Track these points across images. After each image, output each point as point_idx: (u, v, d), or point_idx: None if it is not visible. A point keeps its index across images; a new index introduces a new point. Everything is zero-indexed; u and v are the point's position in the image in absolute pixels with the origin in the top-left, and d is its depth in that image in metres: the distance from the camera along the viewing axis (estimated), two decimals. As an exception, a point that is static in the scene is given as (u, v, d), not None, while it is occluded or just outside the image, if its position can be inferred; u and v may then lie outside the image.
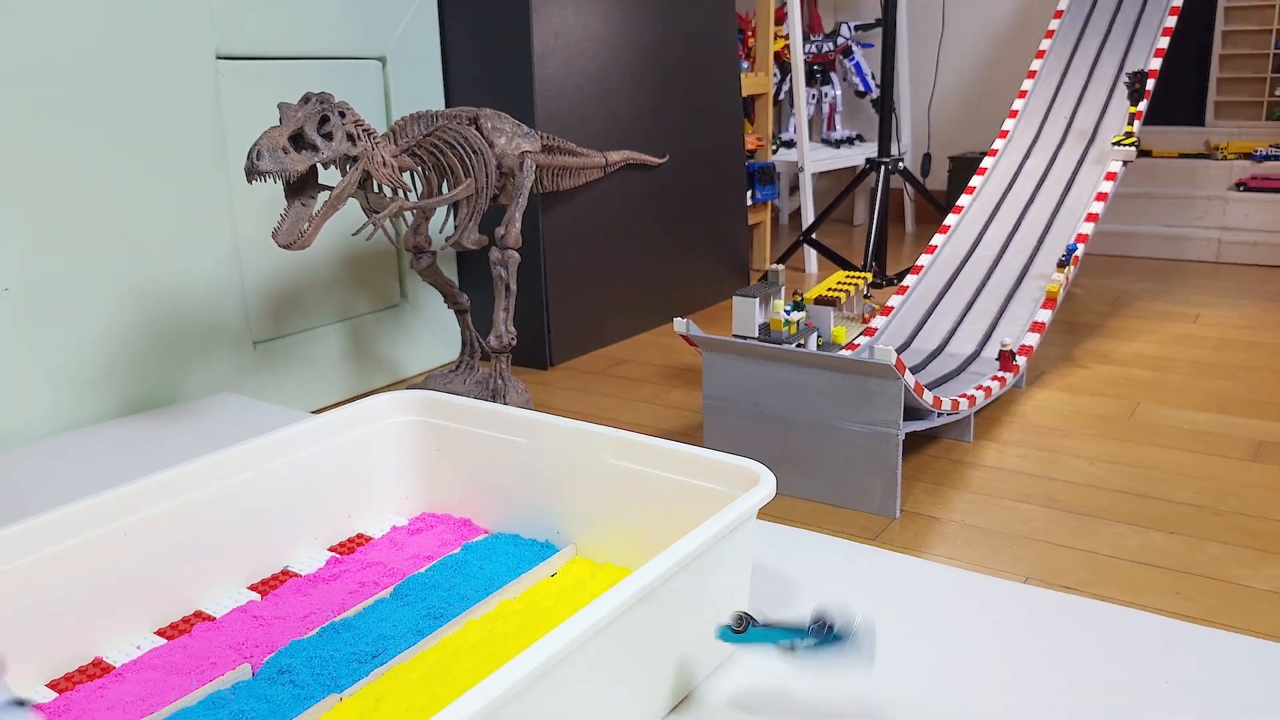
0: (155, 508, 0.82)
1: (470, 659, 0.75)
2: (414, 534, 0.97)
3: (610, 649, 0.62)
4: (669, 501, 0.83)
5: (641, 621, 0.64)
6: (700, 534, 0.68)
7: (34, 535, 0.75)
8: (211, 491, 0.85)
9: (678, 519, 0.83)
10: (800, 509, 1.22)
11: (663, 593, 0.66)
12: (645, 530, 0.85)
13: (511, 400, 1.49)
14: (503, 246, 1.45)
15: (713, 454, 0.81)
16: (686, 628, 0.70)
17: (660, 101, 2.07)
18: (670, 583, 0.66)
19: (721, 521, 0.70)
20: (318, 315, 1.67)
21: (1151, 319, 2.09)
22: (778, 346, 1.22)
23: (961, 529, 1.15)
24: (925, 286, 1.80)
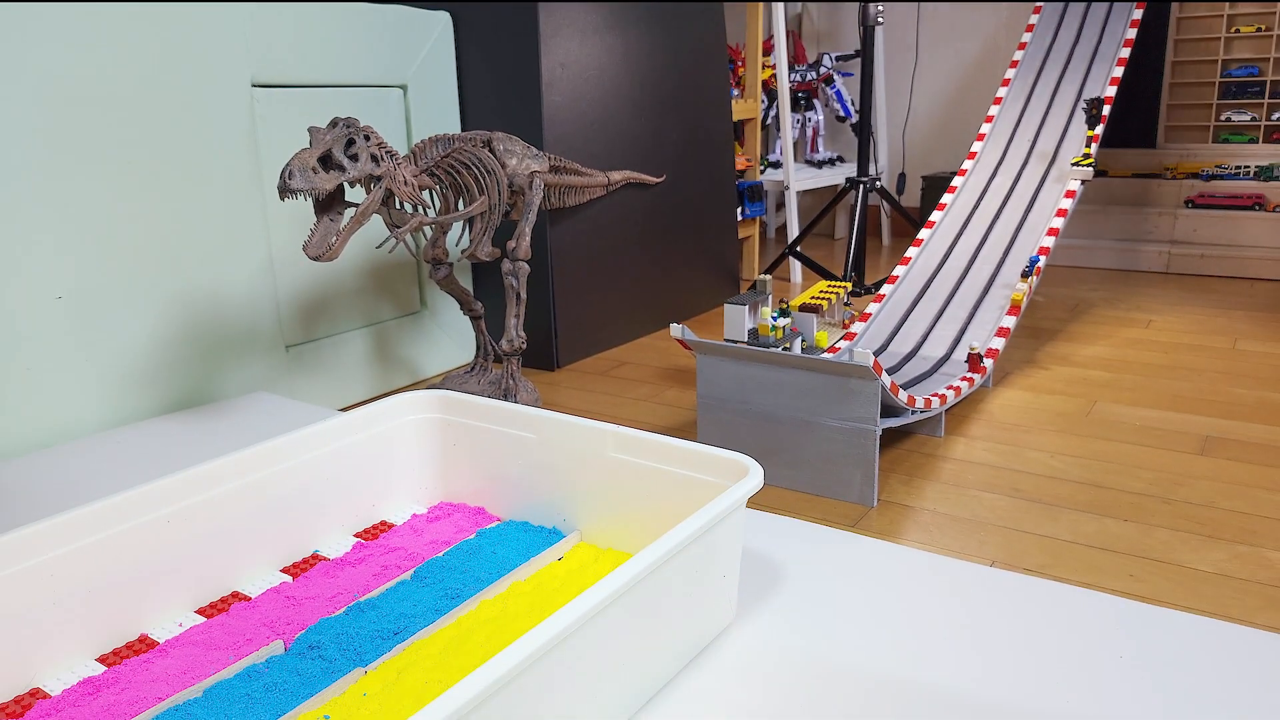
0: (196, 498, 0.82)
1: (484, 635, 0.75)
2: (432, 521, 0.97)
3: (613, 626, 0.62)
4: (666, 491, 0.83)
5: (641, 601, 0.65)
6: (695, 521, 0.68)
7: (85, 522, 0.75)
8: (247, 482, 0.85)
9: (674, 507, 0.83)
10: (786, 498, 1.22)
11: (660, 575, 0.66)
12: (644, 518, 0.86)
13: (522, 399, 1.49)
14: (514, 258, 1.45)
15: (706, 448, 0.81)
16: (683, 606, 0.70)
17: (658, 125, 2.07)
18: (667, 566, 0.66)
19: (714, 510, 0.70)
20: (345, 321, 1.67)
21: (1107, 324, 2.09)
22: (765, 350, 1.22)
23: (933, 517, 1.15)
24: (900, 295, 1.80)
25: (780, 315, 1.52)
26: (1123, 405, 1.54)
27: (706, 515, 0.69)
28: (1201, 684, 0.71)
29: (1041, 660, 0.74)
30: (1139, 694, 0.69)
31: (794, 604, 0.82)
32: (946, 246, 1.90)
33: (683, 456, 0.82)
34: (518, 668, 0.53)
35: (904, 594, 0.84)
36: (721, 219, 2.33)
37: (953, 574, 0.88)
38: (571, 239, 1.86)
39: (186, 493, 0.81)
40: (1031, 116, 2.19)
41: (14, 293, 1.23)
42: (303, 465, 0.90)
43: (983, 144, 2.15)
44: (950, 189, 2.04)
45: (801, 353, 1.47)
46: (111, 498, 0.77)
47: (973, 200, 2.01)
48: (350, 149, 1.15)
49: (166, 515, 0.80)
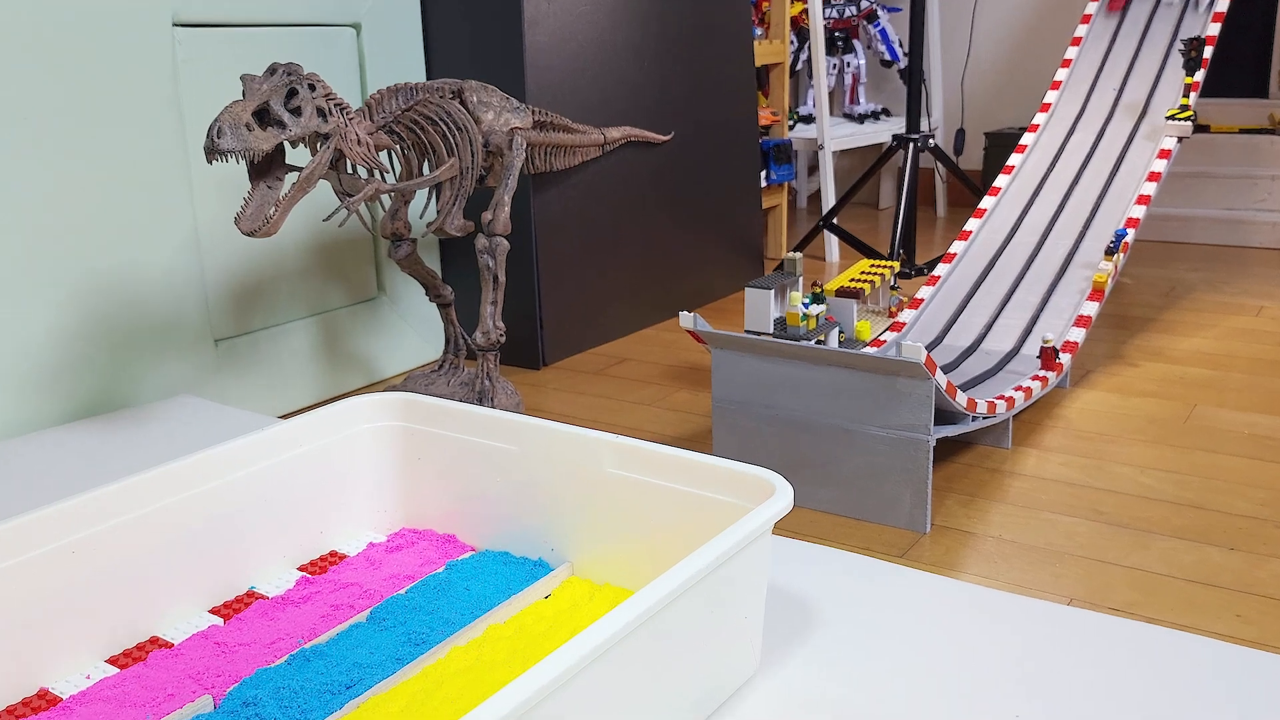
0: (106, 523, 0.82)
1: (455, 689, 0.75)
2: (392, 551, 0.97)
3: (610, 678, 0.62)
4: (675, 515, 0.83)
5: (647, 647, 0.65)
6: (710, 551, 0.68)
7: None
8: (168, 505, 0.85)
9: (685, 534, 0.83)
10: (820, 522, 1.22)
11: (669, 615, 0.66)
12: (649, 547, 0.86)
13: (500, 403, 1.49)
14: (490, 233, 1.45)
15: (723, 462, 0.81)
16: (697, 653, 0.70)
17: (664, 73, 2.07)
18: (677, 605, 0.66)
19: (733, 537, 0.70)
20: (286, 309, 1.67)
21: (1209, 312, 2.09)
22: (795, 343, 1.22)
23: (998, 545, 1.15)
24: (958, 277, 1.80)
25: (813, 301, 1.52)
26: (1228, 410, 1.54)
27: (724, 544, 0.69)
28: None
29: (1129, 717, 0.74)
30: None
31: (829, 650, 0.82)
32: (1014, 218, 1.90)
33: (695, 472, 0.82)
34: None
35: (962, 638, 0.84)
36: (742, 185, 2.33)
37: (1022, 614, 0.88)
38: (560, 210, 1.86)
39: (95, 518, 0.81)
40: (1117, 60, 2.18)
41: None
42: (235, 484, 0.90)
43: (1058, 94, 2.14)
44: (1019, 148, 2.04)
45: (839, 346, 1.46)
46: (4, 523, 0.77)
47: (1046, 162, 2.01)
48: (292, 101, 1.15)
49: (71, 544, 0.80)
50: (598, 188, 1.94)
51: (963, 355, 1.62)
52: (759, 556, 0.75)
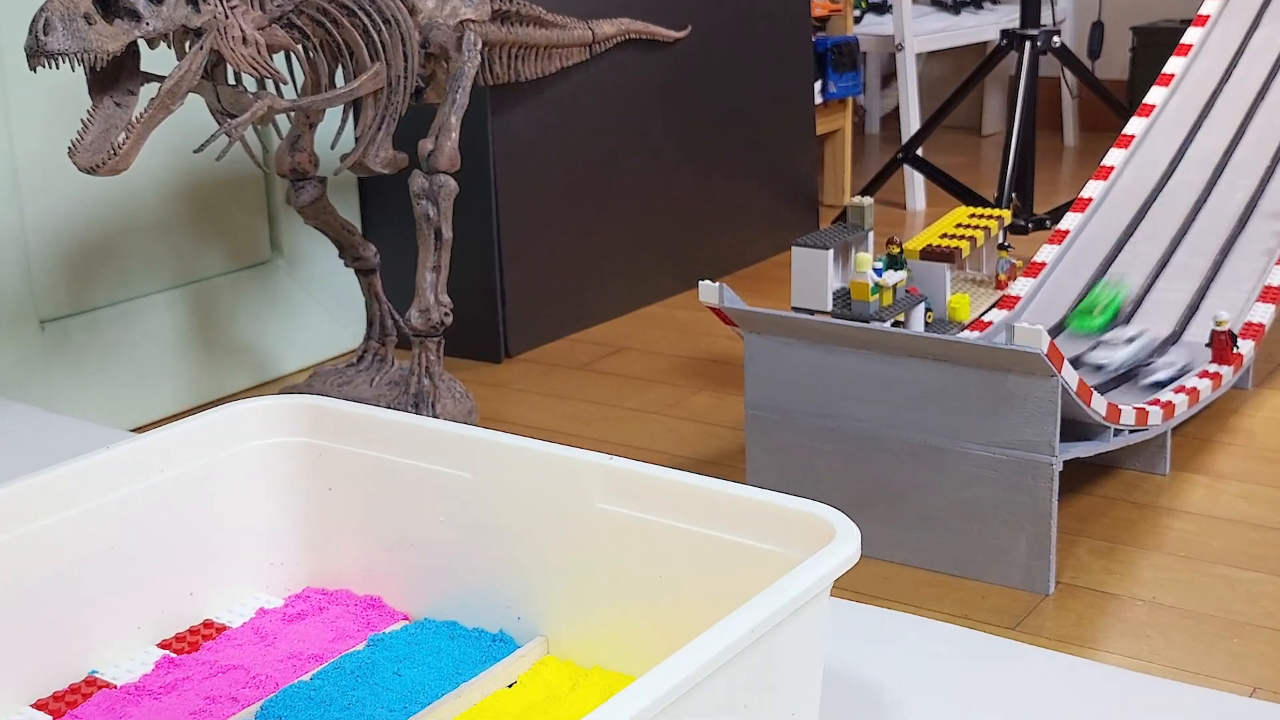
0: (-113, 580, 0.82)
1: (381, 816, 0.75)
2: (292, 621, 0.97)
3: (600, 801, 0.62)
4: (693, 570, 0.83)
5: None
6: (743, 621, 0.67)
7: None
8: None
9: (707, 597, 0.82)
10: (897, 580, 1.21)
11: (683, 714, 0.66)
12: (655, 615, 0.85)
13: (445, 411, 1.49)
14: (431, 169, 1.44)
15: (761, 494, 0.80)
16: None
17: (678, -59, 2.07)
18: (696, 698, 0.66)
19: (776, 601, 0.69)
20: (140, 279, 1.66)
21: None
22: (863, 325, 1.21)
23: (1152, 611, 1.14)
24: (1095, 232, 1.79)
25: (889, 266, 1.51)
26: None
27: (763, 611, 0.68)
28: None
29: None
30: None
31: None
32: (1174, 149, 1.89)
33: (721, 509, 0.82)
34: None
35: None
36: (787, 103, 2.33)
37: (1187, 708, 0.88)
38: (530, 138, 1.85)
39: None
40: (1321, -76, 2.17)
41: None
42: (70, 526, 0.90)
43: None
44: (1180, 50, 2.03)
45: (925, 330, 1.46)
46: None
47: (1220, 69, 2.00)
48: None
49: None
50: (584, 107, 1.93)
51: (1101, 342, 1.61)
52: (812, 628, 0.75)
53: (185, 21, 1.18)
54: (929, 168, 2.54)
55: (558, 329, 1.93)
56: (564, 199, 1.92)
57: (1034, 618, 1.14)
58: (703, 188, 2.17)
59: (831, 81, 2.58)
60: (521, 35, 1.71)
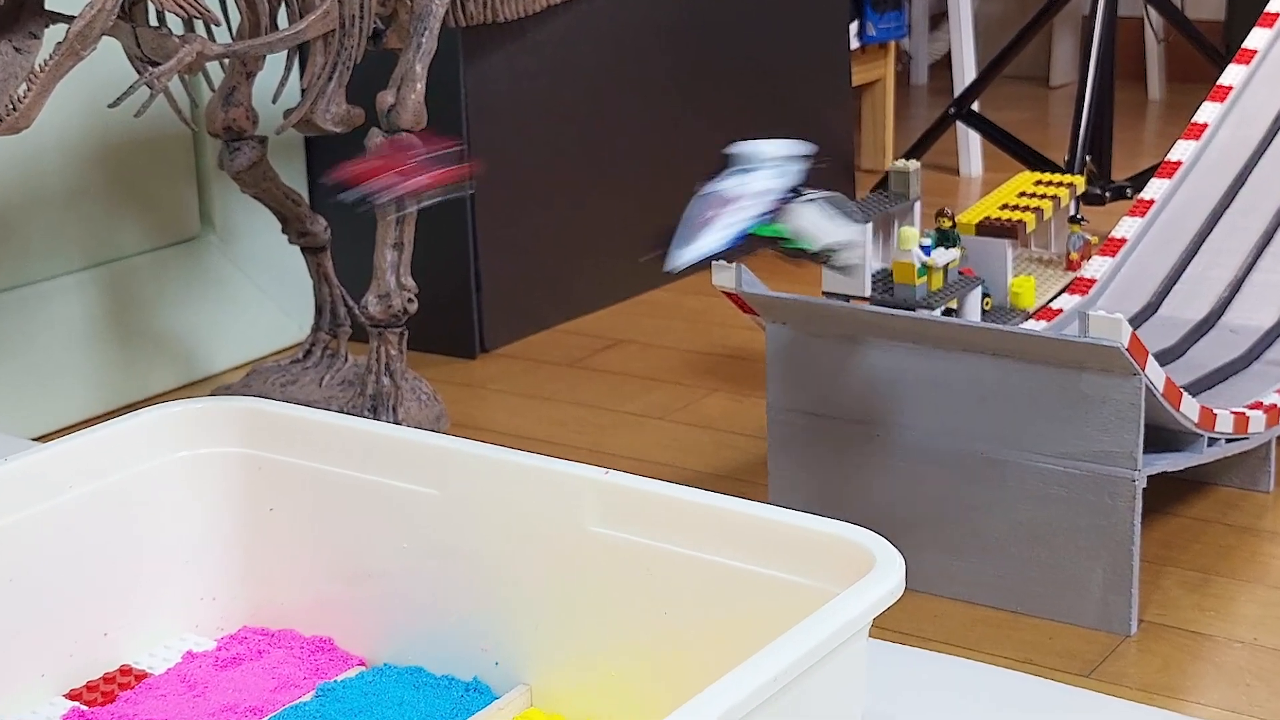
0: None
1: None
2: (226, 667, 0.96)
3: None
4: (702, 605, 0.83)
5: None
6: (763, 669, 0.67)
7: None
8: None
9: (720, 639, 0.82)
10: (949, 618, 1.21)
11: (693, 777, 0.66)
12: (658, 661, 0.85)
13: (409, 416, 1.49)
14: (392, 128, 1.44)
15: (786, 515, 0.81)
16: (737, 842, 0.70)
17: None
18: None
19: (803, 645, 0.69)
20: (46, 258, 1.67)
21: None
22: (909, 314, 1.21)
23: (1254, 655, 1.14)
24: (1184, 202, 1.79)
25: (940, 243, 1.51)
26: None
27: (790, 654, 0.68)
28: None
29: None
30: None
31: (968, 835, 0.82)
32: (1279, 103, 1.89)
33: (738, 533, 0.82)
34: None
35: (1194, 814, 0.84)
36: (817, 47, 2.33)
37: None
38: (509, 90, 1.85)
39: None
40: None
41: None
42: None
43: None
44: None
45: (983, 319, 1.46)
46: None
47: (1333, 7, 2.00)
48: (54, -96, 1.14)
49: None
50: (572, 52, 1.93)
51: (1192, 335, 1.61)
52: (848, 675, 0.75)
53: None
54: (987, 125, 2.54)
55: (543, 319, 1.93)
56: (550, 163, 1.92)
57: (1112, 662, 1.14)
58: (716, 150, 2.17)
59: (870, 22, 2.58)
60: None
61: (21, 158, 1.63)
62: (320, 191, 1.89)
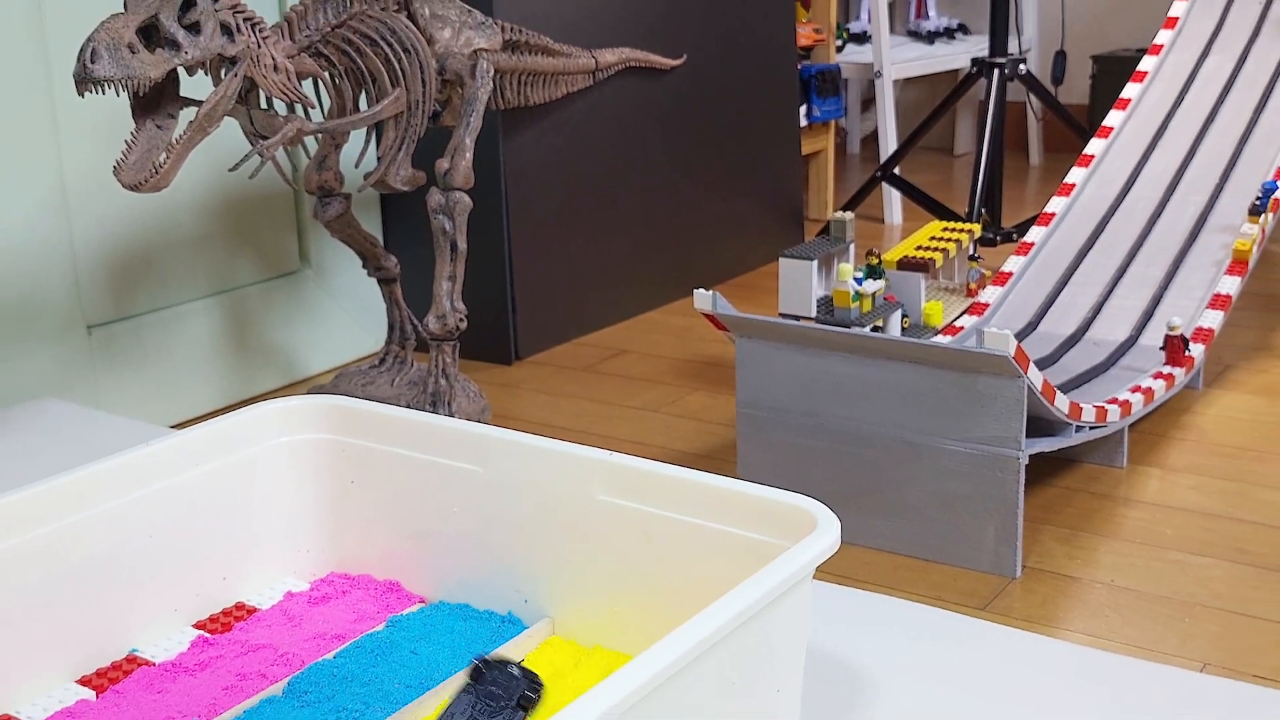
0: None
1: (399, 784, 0.75)
2: (317, 604, 0.96)
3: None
4: (687, 556, 0.83)
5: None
6: (732, 603, 0.67)
7: None
8: (23, 542, 0.85)
9: (698, 582, 0.82)
10: (877, 564, 1.21)
11: (678, 689, 0.66)
12: (651, 599, 0.85)
13: (460, 408, 1.49)
14: (447, 187, 1.44)
15: (749, 488, 0.80)
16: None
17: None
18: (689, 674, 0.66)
19: (763, 585, 0.69)
20: (180, 288, 1.66)
21: (1385, 290, 2.08)
22: (845, 330, 1.21)
23: (1110, 593, 1.14)
24: (1058, 244, 1.79)
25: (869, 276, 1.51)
26: None
27: (751, 594, 0.68)
28: None
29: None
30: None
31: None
32: (1131, 167, 1.89)
33: (713, 501, 0.82)
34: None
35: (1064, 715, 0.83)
36: (775, 125, 2.32)
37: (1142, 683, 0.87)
38: (538, 157, 1.85)
39: (-72, 559, 0.81)
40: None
41: None
42: (113, 515, 0.90)
43: (1187, 5, 2.13)
44: (1136, 77, 2.03)
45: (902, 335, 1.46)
46: None
47: (1172, 94, 2.00)
48: (188, 15, 1.14)
49: (-103, 594, 0.80)
50: (588, 129, 1.93)
51: (1063, 346, 1.61)
52: (796, 611, 0.75)
53: (221, 50, 1.18)
54: (905, 185, 2.54)
55: (564, 333, 1.93)
56: (569, 214, 1.92)
57: (1002, 599, 1.14)
58: (697, 203, 2.17)
59: (815, 106, 2.58)
60: (530, 63, 1.71)
61: (162, 210, 1.63)
62: (392, 235, 1.89)
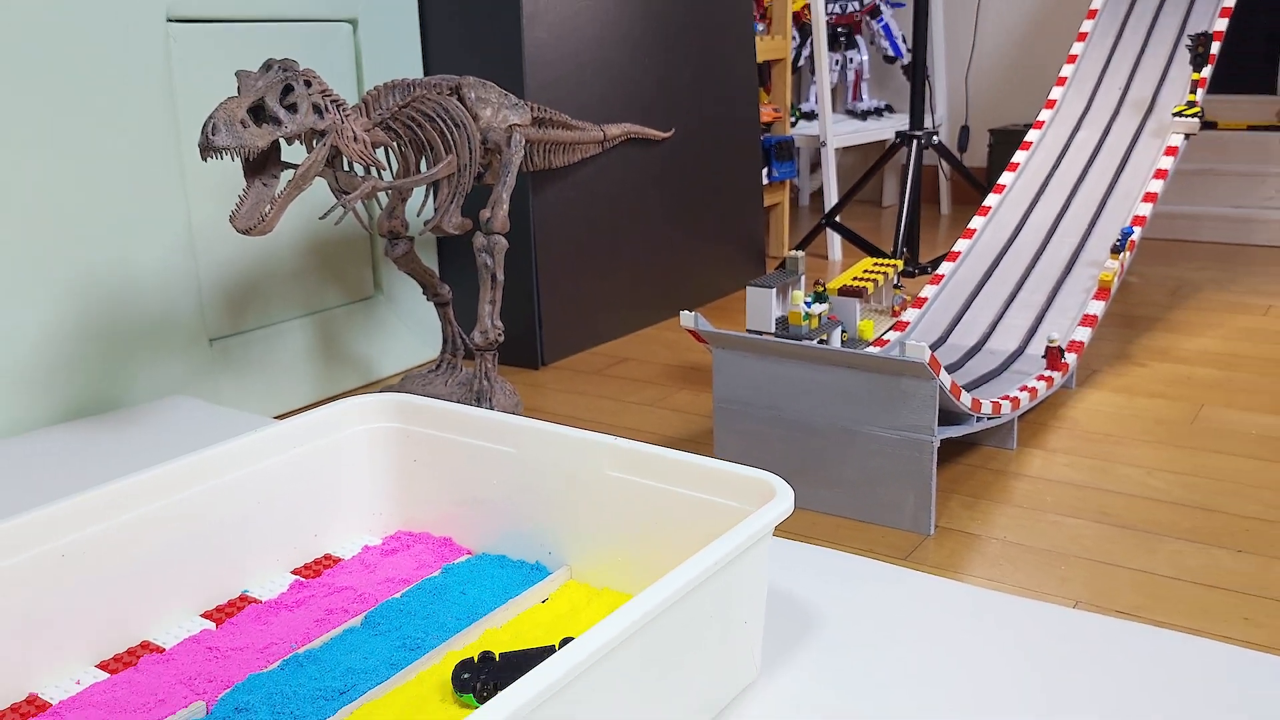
0: (97, 526, 0.82)
1: (450, 694, 0.75)
2: (388, 555, 0.96)
3: (608, 684, 0.62)
4: (675, 518, 0.83)
5: (645, 653, 0.64)
6: (709, 554, 0.67)
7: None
8: (161, 507, 0.85)
9: (684, 538, 0.82)
10: (822, 525, 1.21)
11: (667, 620, 0.66)
12: (648, 551, 0.85)
13: (498, 404, 1.49)
14: (488, 231, 1.45)
15: (723, 465, 0.80)
16: (696, 659, 0.70)
17: (665, 68, 2.07)
18: (676, 609, 0.66)
19: (733, 540, 0.69)
20: (281, 309, 1.67)
21: (1217, 311, 2.08)
22: (797, 343, 1.21)
23: (1003, 547, 1.14)
24: (963, 275, 1.79)
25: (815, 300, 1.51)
26: (1236, 410, 1.54)
27: (724, 547, 0.68)
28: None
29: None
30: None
31: (830, 656, 0.82)
32: (1019, 216, 1.90)
33: (695, 475, 0.82)
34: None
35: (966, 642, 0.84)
36: (743, 183, 2.33)
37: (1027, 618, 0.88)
38: (559, 208, 1.85)
39: (86, 520, 0.81)
40: (1123, 57, 2.18)
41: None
42: (229, 485, 0.90)
43: (1064, 90, 2.14)
44: (1024, 145, 2.04)
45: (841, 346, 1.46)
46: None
47: (1051, 159, 2.01)
48: (288, 98, 1.15)
49: (60, 548, 0.80)
50: (597, 185, 1.94)
51: (967, 355, 1.61)
52: (759, 560, 0.75)
53: (313, 126, 1.18)
54: (844, 230, 2.55)
55: (579, 345, 1.93)
56: (582, 251, 1.92)
57: (919, 552, 1.14)
58: (682, 243, 2.17)
59: (774, 168, 2.58)
60: (553, 135, 1.71)
61: (267, 249, 1.63)
62: (446, 268, 1.90)
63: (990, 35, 3.32)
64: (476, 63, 1.78)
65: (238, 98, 1.11)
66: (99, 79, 1.39)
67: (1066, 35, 3.23)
